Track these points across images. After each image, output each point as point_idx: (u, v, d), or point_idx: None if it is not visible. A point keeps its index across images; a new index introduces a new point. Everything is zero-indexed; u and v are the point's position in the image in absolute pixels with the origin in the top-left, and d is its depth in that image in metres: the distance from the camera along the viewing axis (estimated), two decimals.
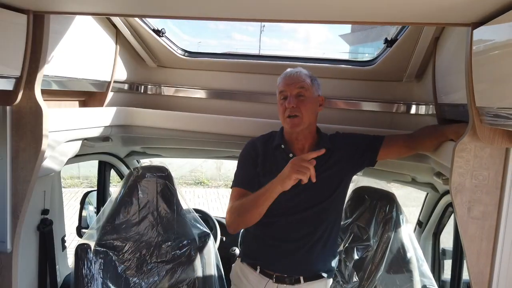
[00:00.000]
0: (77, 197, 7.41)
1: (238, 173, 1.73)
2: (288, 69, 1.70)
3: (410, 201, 6.07)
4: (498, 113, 1.02)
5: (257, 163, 1.69)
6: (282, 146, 1.68)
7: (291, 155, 1.66)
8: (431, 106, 1.87)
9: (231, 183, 1.74)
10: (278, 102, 1.69)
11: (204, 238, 2.22)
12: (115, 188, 2.22)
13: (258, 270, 1.71)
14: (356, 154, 1.69)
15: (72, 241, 2.76)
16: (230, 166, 9.19)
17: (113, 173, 2.94)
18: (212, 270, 2.19)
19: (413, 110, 2.04)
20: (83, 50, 1.76)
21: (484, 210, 1.23)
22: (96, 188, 2.85)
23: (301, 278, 1.68)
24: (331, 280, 1.78)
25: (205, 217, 2.64)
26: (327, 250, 1.73)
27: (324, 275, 1.71)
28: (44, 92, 1.45)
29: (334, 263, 1.77)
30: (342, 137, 1.76)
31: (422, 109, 1.98)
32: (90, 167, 8.30)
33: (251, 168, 1.69)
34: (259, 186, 1.57)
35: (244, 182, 1.68)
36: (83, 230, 2.49)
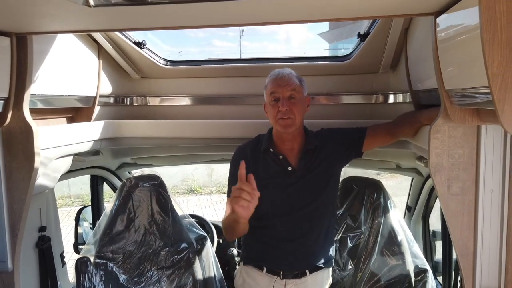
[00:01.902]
0: (70, 215, 7.35)
1: (229, 183, 1.76)
2: (277, 70, 1.70)
3: (401, 190, 6.19)
4: (465, 93, 1.09)
5: (247, 170, 1.71)
6: (271, 149, 1.70)
7: (281, 157, 1.69)
8: (407, 94, 1.95)
9: (224, 189, 1.80)
10: (268, 103, 1.69)
11: (201, 241, 2.26)
12: (109, 203, 2.25)
13: (265, 270, 1.74)
14: (342, 148, 1.74)
15: (70, 259, 2.77)
16: (221, 172, 9.20)
17: (105, 189, 2.96)
18: (212, 272, 2.23)
19: (391, 99, 2.12)
20: (67, 68, 1.79)
21: (463, 186, 1.31)
22: (89, 204, 2.86)
23: (307, 271, 1.73)
24: (331, 267, 1.86)
25: (201, 222, 2.68)
26: (327, 241, 1.79)
27: (327, 265, 1.78)
28: (32, 111, 1.48)
29: (332, 251, 1.84)
30: (327, 132, 1.79)
31: (400, 98, 2.07)
32: (81, 185, 8.24)
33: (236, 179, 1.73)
34: None
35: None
36: (80, 246, 2.51)
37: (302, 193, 1.69)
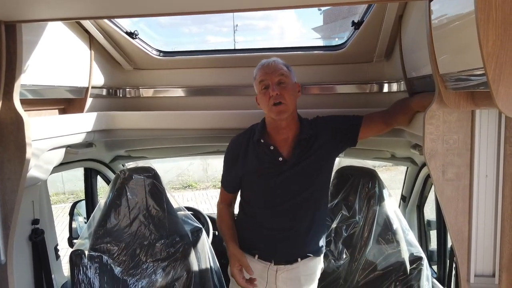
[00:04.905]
0: (64, 212, 7.30)
1: (223, 173, 1.85)
2: (263, 60, 1.72)
3: (395, 183, 6.22)
4: (459, 76, 1.09)
5: (238, 164, 1.75)
6: (262, 140, 1.71)
7: (272, 147, 1.70)
8: (402, 82, 1.95)
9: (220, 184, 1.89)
10: (259, 93, 1.70)
11: (196, 233, 2.26)
12: (103, 196, 2.23)
13: (257, 257, 1.77)
14: (337, 136, 1.73)
15: (65, 255, 2.75)
16: (217, 167, 9.19)
17: (100, 184, 2.93)
18: (208, 264, 2.23)
19: (385, 88, 2.12)
20: (57, 58, 1.76)
21: (457, 172, 1.31)
22: (84, 198, 2.84)
23: (298, 258, 1.75)
24: (323, 253, 1.86)
25: (196, 214, 2.67)
26: (319, 230, 1.80)
27: (317, 254, 1.79)
28: (23, 102, 1.46)
29: (323, 240, 1.84)
30: (323, 120, 1.79)
31: (394, 87, 2.06)
32: (76, 181, 8.19)
33: (230, 170, 1.79)
34: (241, 183, 1.76)
35: (225, 184, 1.86)
36: (75, 241, 2.49)
37: (293, 183, 1.69)
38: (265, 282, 1.77)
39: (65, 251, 2.81)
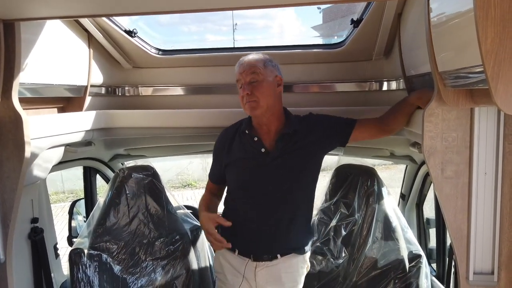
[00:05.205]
0: (64, 211, 7.30)
1: (212, 164, 1.89)
2: (241, 58, 1.74)
3: (395, 181, 6.22)
4: (458, 74, 1.09)
5: (223, 154, 1.78)
6: (247, 131, 1.75)
7: (255, 138, 1.72)
8: (401, 81, 1.95)
9: None
10: (239, 92, 1.74)
11: (196, 231, 2.26)
12: (102, 194, 2.23)
13: (237, 252, 1.77)
14: (328, 135, 1.74)
15: (64, 254, 2.75)
16: None
17: (100, 184, 2.93)
18: (207, 262, 2.23)
19: (385, 86, 2.12)
20: (56, 57, 1.76)
21: (456, 169, 1.31)
22: (83, 197, 2.84)
23: (278, 255, 1.74)
24: (308, 253, 1.85)
25: (195, 212, 2.66)
26: (302, 228, 1.79)
27: (299, 252, 1.78)
28: (21, 100, 1.46)
29: (309, 239, 1.84)
30: (315, 118, 1.80)
31: (393, 85, 2.06)
32: (76, 180, 8.18)
33: (216, 162, 1.84)
34: (226, 175, 1.79)
35: (210, 176, 1.91)
36: (74, 239, 2.49)
37: (274, 176, 1.70)
38: (242, 276, 1.76)
39: (64, 250, 2.81)
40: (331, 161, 2.31)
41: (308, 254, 1.84)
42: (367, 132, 1.75)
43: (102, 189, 3.44)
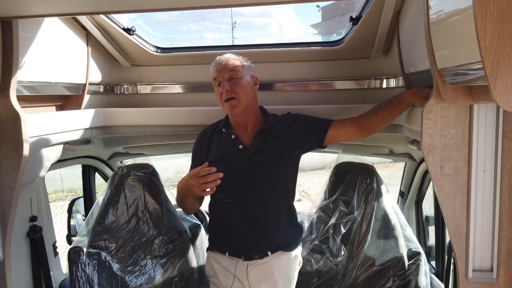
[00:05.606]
0: (63, 210, 7.30)
1: (192, 160, 1.87)
2: (217, 57, 1.75)
3: (394, 180, 6.23)
4: (457, 71, 1.09)
5: (202, 153, 1.79)
6: (224, 130, 1.76)
7: (233, 136, 1.74)
8: (400, 78, 1.95)
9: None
10: (215, 90, 1.73)
11: (195, 229, 2.26)
12: (101, 193, 2.22)
13: (227, 254, 1.77)
14: (304, 135, 1.75)
15: (64, 253, 2.75)
16: None
17: (99, 182, 2.92)
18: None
19: (384, 84, 2.12)
20: (54, 55, 1.76)
21: (455, 167, 1.31)
22: (82, 195, 2.84)
23: (268, 252, 1.74)
24: (299, 248, 1.85)
25: None
26: (290, 224, 1.80)
27: (288, 249, 1.78)
28: (20, 98, 1.46)
29: (298, 234, 1.85)
30: (293, 117, 1.81)
31: (392, 82, 2.06)
32: (75, 179, 8.17)
33: (195, 163, 1.82)
34: None
35: None
36: (73, 238, 2.49)
37: (253, 172, 1.71)
38: (233, 277, 1.75)
39: (64, 249, 2.81)
40: (330, 159, 2.31)
41: (299, 250, 1.85)
42: (343, 132, 1.74)
43: (101, 187, 3.44)
